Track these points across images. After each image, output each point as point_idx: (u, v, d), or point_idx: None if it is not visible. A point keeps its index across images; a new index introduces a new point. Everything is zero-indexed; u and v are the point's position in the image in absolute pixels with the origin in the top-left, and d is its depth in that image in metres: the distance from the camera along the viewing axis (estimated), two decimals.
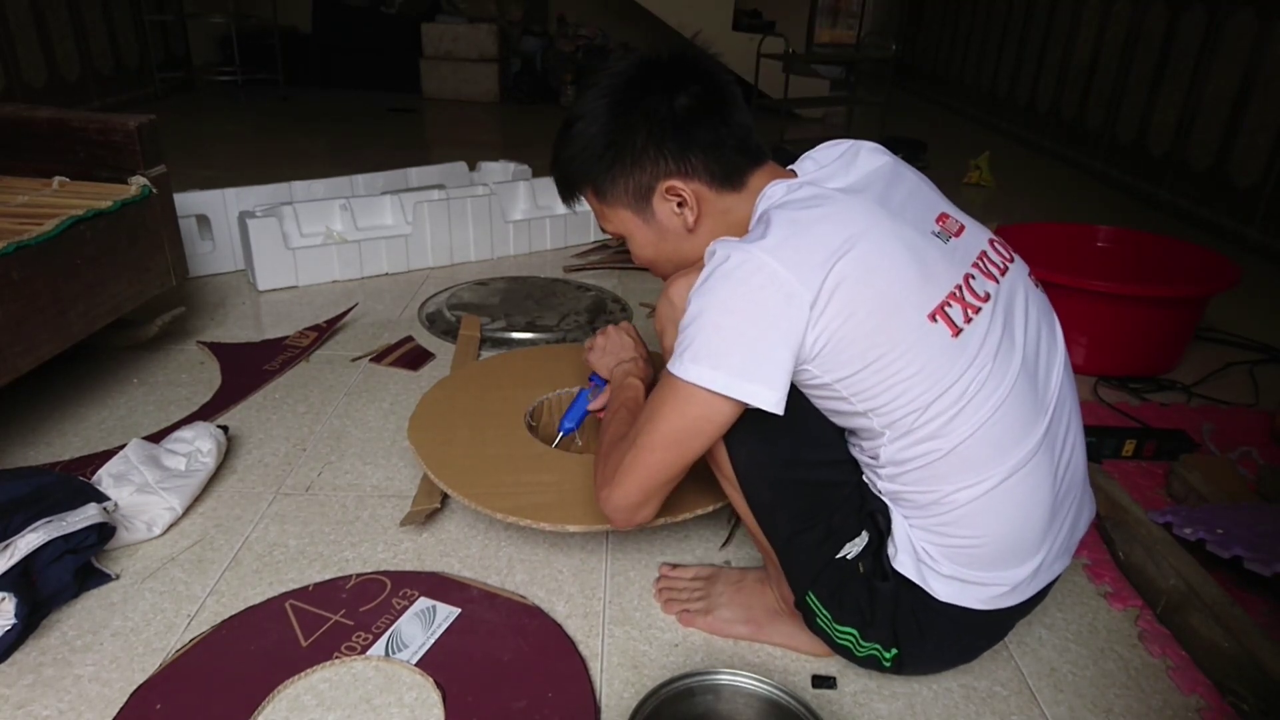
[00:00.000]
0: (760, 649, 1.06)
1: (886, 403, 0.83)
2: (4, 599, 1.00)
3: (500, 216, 2.46)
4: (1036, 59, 4.45)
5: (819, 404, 0.89)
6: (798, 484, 0.91)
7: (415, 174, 2.69)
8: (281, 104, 4.92)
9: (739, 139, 0.92)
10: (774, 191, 0.90)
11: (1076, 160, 4.00)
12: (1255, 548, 1.12)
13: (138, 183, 1.65)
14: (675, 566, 1.18)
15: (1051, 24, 4.31)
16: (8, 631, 1.00)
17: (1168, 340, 1.85)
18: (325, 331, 1.90)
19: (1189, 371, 1.88)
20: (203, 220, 2.22)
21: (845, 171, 0.91)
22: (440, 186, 2.56)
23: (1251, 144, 2.86)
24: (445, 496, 1.32)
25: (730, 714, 0.92)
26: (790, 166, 0.97)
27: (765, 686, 0.91)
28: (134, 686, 0.96)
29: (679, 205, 0.93)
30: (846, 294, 0.79)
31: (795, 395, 0.86)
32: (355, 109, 4.91)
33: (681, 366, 0.82)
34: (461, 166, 2.82)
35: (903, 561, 0.88)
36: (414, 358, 1.82)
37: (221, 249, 2.26)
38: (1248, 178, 2.87)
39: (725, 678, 0.92)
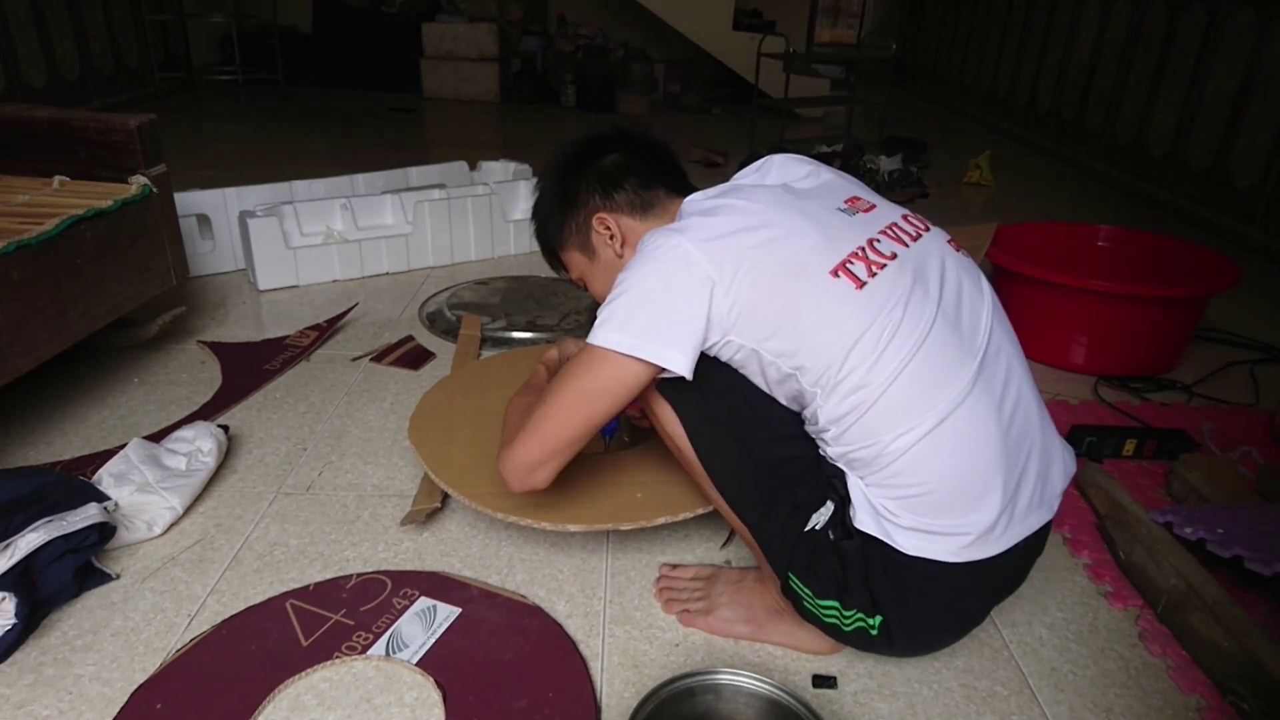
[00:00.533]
0: (761, 648, 1.06)
1: (807, 359, 0.88)
2: (4, 599, 1.01)
3: (500, 216, 2.46)
4: (1036, 59, 4.45)
5: (759, 379, 0.94)
6: (756, 465, 0.96)
7: (415, 173, 2.69)
8: (281, 104, 4.92)
9: (659, 177, 1.08)
10: (692, 197, 1.03)
11: (1076, 160, 4.00)
12: (1255, 547, 1.13)
13: (138, 182, 1.65)
14: (676, 566, 1.18)
15: (1051, 24, 4.31)
16: (8, 631, 1.00)
17: (1168, 340, 1.86)
18: (326, 331, 1.90)
19: (1189, 371, 1.88)
20: (203, 220, 2.22)
21: (762, 177, 1.06)
22: (440, 186, 2.56)
23: (1251, 144, 2.86)
24: (445, 496, 1.32)
25: (731, 714, 0.92)
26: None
27: (766, 686, 0.91)
28: (134, 686, 0.96)
29: (610, 237, 1.06)
30: (751, 262, 0.87)
31: (741, 380, 0.94)
32: (355, 109, 4.91)
33: (595, 334, 0.90)
34: (462, 166, 2.82)
35: (863, 520, 0.90)
36: (414, 357, 1.82)
37: (222, 249, 2.26)
38: (1248, 178, 2.87)
39: (726, 677, 0.92)
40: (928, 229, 0.99)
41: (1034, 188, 3.68)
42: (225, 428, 1.44)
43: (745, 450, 0.96)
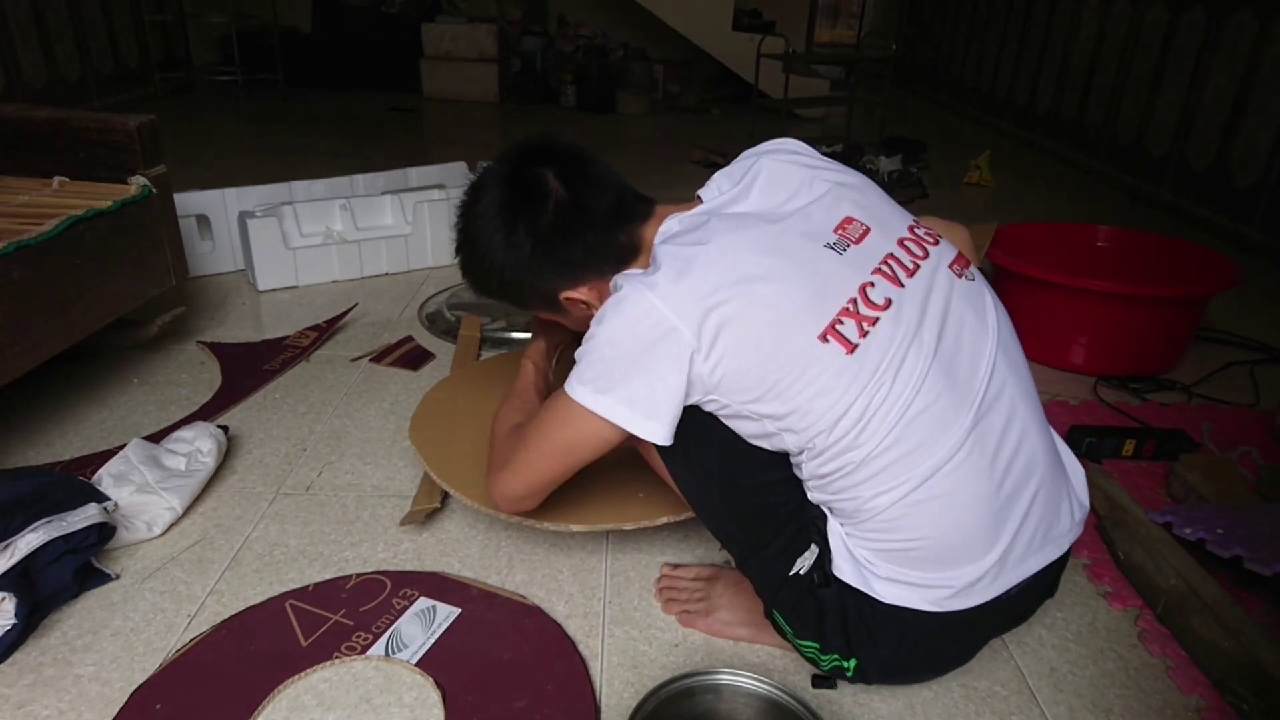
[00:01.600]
0: (760, 649, 1.06)
1: (794, 424, 0.84)
2: (4, 599, 1.00)
3: None
4: (1036, 59, 4.45)
5: (743, 430, 0.90)
6: (742, 509, 0.93)
7: (415, 174, 2.68)
8: (281, 104, 4.92)
9: (614, 221, 0.96)
10: (668, 226, 0.93)
11: (1076, 160, 4.00)
12: (1255, 548, 1.12)
13: (138, 183, 1.65)
14: (676, 566, 1.18)
15: (1051, 24, 4.31)
16: (8, 631, 1.00)
17: (1168, 340, 1.86)
18: (325, 331, 1.90)
19: (1189, 371, 1.88)
20: (203, 220, 2.22)
21: (745, 192, 0.94)
22: (440, 186, 2.56)
23: (1251, 144, 2.86)
24: (445, 496, 1.32)
25: (730, 714, 0.92)
26: (698, 193, 0.99)
27: (765, 686, 0.91)
28: (134, 686, 0.96)
29: (584, 304, 1.00)
30: (733, 327, 0.82)
31: (725, 425, 0.90)
32: (355, 109, 4.91)
33: (572, 387, 0.89)
34: (461, 166, 2.82)
35: (841, 567, 0.88)
36: (414, 358, 1.82)
37: (221, 249, 2.26)
38: (1248, 178, 2.87)
39: (725, 678, 0.92)
40: (926, 255, 0.90)
41: (1034, 188, 3.68)
42: (225, 428, 1.44)
43: (730, 496, 0.93)
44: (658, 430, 0.87)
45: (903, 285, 0.86)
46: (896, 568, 0.86)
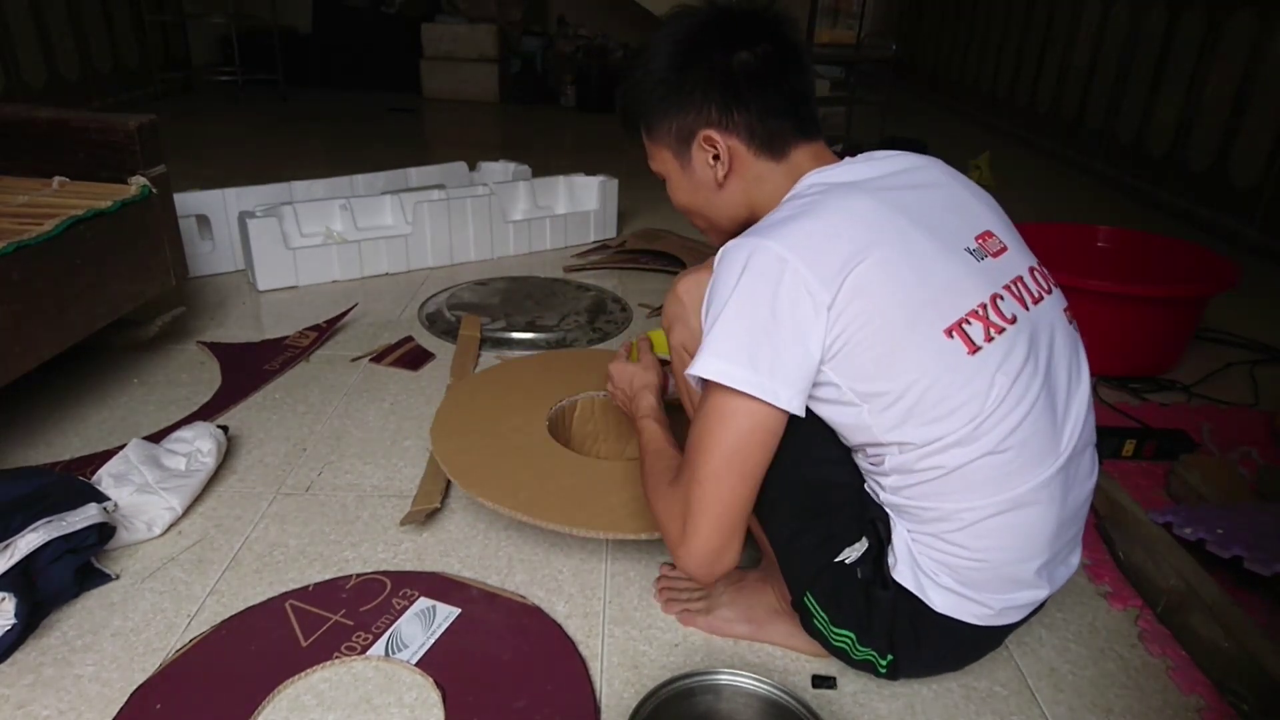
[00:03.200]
0: (760, 649, 1.06)
1: (898, 414, 0.81)
2: (4, 599, 1.00)
3: (500, 216, 2.46)
4: (1036, 59, 4.45)
5: (829, 413, 0.86)
6: (801, 483, 0.91)
7: (415, 174, 2.69)
8: (281, 104, 4.92)
9: (790, 107, 0.91)
10: (811, 181, 0.90)
11: (1076, 160, 4.00)
12: (1255, 548, 1.12)
13: (138, 183, 1.65)
14: (675, 566, 1.18)
15: (1051, 24, 4.31)
16: (8, 631, 1.00)
17: (1168, 340, 1.85)
18: (325, 331, 1.90)
19: (1189, 371, 1.88)
20: (203, 220, 2.22)
21: (889, 173, 0.90)
22: (440, 186, 2.56)
23: (1251, 144, 2.86)
24: (445, 496, 1.32)
25: (730, 714, 0.92)
26: (847, 160, 0.94)
27: (765, 686, 0.91)
28: (134, 686, 0.96)
29: (714, 158, 0.92)
30: (865, 299, 0.79)
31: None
32: (355, 109, 4.91)
33: (711, 366, 0.79)
34: (461, 166, 2.82)
35: (902, 572, 0.88)
36: (414, 358, 1.82)
37: (221, 249, 2.26)
38: (1248, 178, 2.87)
39: (725, 678, 0.92)
40: (1050, 292, 0.91)
41: (1034, 188, 3.68)
42: (225, 428, 1.44)
43: (790, 466, 0.88)
44: (793, 399, 0.79)
45: (1028, 309, 0.86)
46: (956, 582, 0.87)
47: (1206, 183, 3.08)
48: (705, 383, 0.83)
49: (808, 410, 0.86)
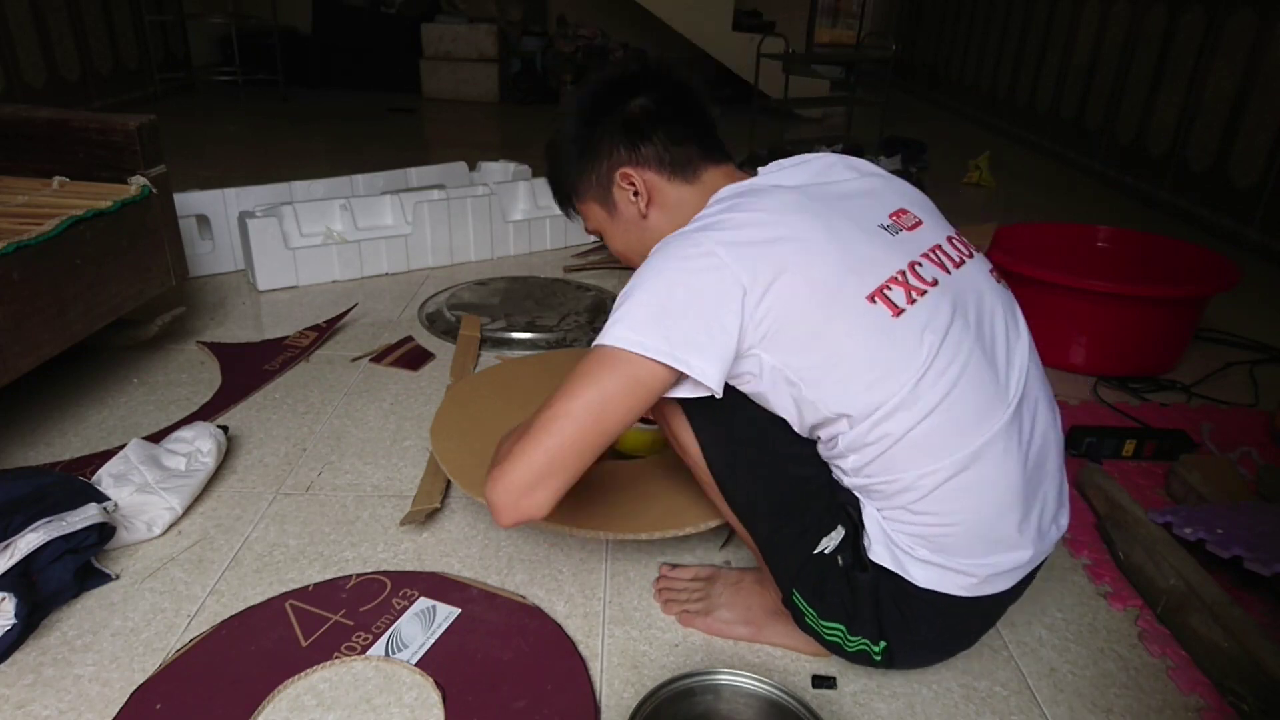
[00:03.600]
0: (760, 649, 1.06)
1: (836, 385, 0.83)
2: (4, 599, 1.01)
3: (500, 216, 2.46)
4: (1036, 59, 4.45)
5: (773, 400, 0.88)
6: (771, 481, 0.93)
7: (415, 174, 2.69)
8: (281, 104, 4.92)
9: (693, 134, 0.98)
10: (725, 192, 0.94)
11: (1076, 160, 4.00)
12: (1255, 548, 1.13)
13: (138, 183, 1.65)
14: (675, 567, 1.18)
15: (1051, 24, 4.31)
16: (8, 631, 1.00)
17: (1168, 340, 1.86)
18: (325, 331, 1.90)
19: (1189, 371, 1.88)
20: (203, 220, 2.22)
21: (798, 173, 0.96)
22: (440, 186, 2.56)
23: (1251, 144, 2.86)
24: (444, 496, 1.32)
25: (730, 714, 0.92)
26: (761, 169, 1.00)
27: (765, 686, 0.91)
28: (134, 686, 0.96)
29: (634, 194, 0.98)
30: (787, 277, 0.81)
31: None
32: (355, 109, 4.91)
33: (611, 333, 0.81)
34: (461, 166, 2.82)
35: (878, 552, 0.89)
36: (414, 358, 1.82)
37: (221, 249, 2.26)
38: (1248, 178, 2.87)
39: (725, 678, 0.92)
40: (971, 256, 0.95)
41: (1034, 188, 3.68)
42: (225, 428, 1.44)
43: (759, 465, 0.93)
44: (710, 371, 0.80)
45: (949, 273, 0.89)
46: (934, 553, 0.87)
47: (1206, 183, 3.08)
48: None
49: (769, 411, 0.90)
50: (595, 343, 0.83)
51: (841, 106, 5.18)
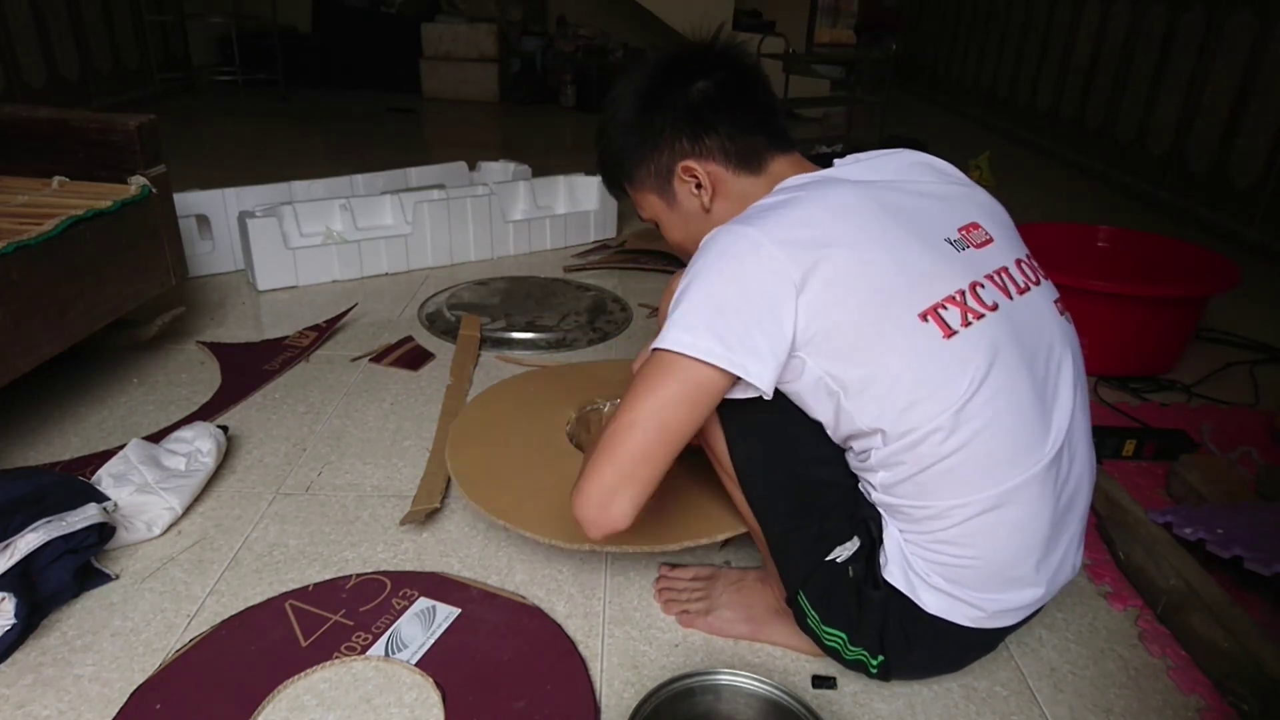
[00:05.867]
0: (760, 649, 1.06)
1: (874, 401, 0.81)
2: (4, 599, 1.00)
3: (500, 216, 2.46)
4: (1036, 59, 4.45)
5: (809, 403, 0.87)
6: (793, 481, 0.92)
7: (415, 174, 2.69)
8: (281, 104, 4.92)
9: (757, 122, 0.94)
10: (790, 183, 0.91)
11: (1076, 160, 4.00)
12: (1255, 547, 1.12)
13: (138, 183, 1.65)
14: (675, 567, 1.18)
15: (1051, 24, 4.31)
16: (8, 631, 1.00)
17: (1168, 340, 1.85)
18: (325, 331, 1.90)
19: (1189, 371, 1.88)
20: (203, 220, 2.22)
21: (873, 168, 0.92)
22: (440, 186, 2.56)
23: (1251, 144, 2.86)
24: (445, 496, 1.32)
25: (730, 714, 0.92)
26: (836, 161, 0.95)
27: (765, 686, 0.91)
28: (134, 686, 0.96)
29: (696, 186, 0.95)
30: (839, 284, 0.79)
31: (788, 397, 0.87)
32: (355, 109, 4.91)
33: (669, 338, 0.80)
34: (461, 166, 2.82)
35: (892, 572, 0.88)
36: (414, 358, 1.82)
37: (221, 249, 2.26)
38: (1248, 178, 2.87)
39: (725, 678, 0.92)
40: (1039, 282, 0.90)
41: (1034, 188, 3.68)
42: (224, 428, 1.44)
43: (783, 464, 0.91)
44: (765, 376, 0.79)
45: (1011, 299, 0.85)
46: (949, 583, 0.86)
47: (1206, 183, 3.08)
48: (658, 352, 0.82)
49: (799, 412, 0.87)
50: (653, 346, 0.82)
51: (842, 106, 5.18)
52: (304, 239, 2.23)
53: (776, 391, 0.85)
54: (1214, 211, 3.03)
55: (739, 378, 0.80)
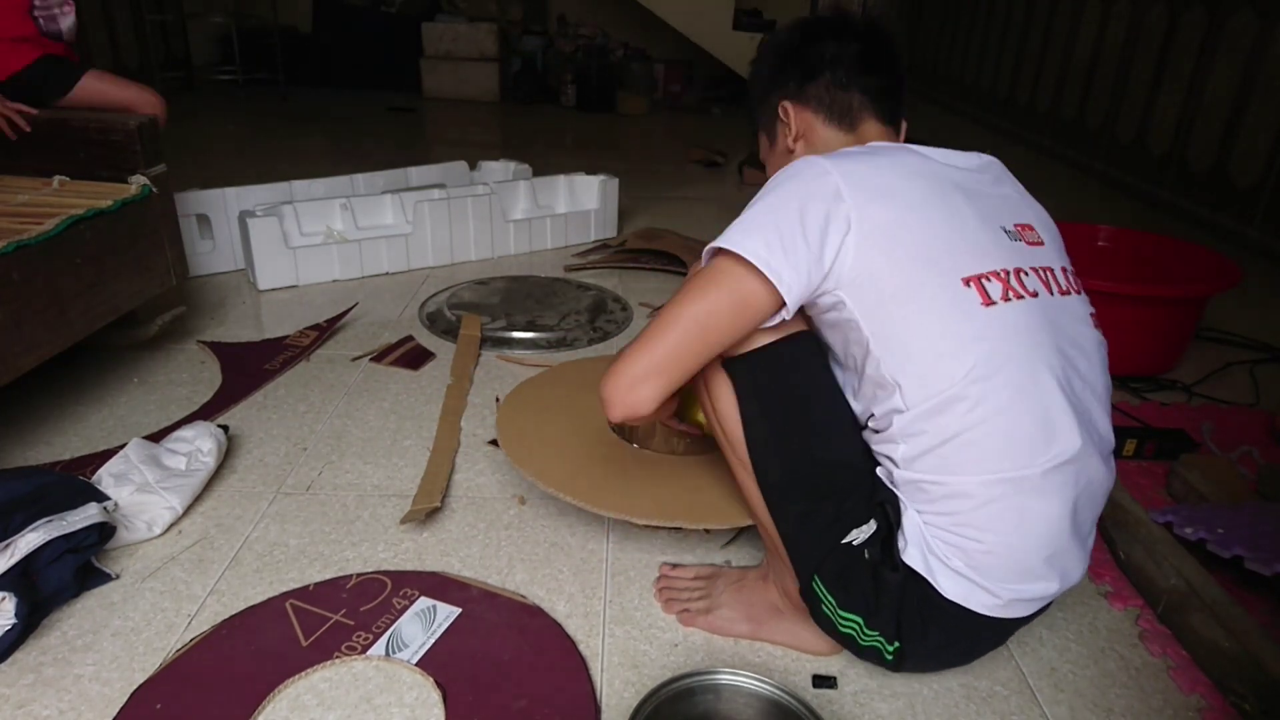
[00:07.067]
0: (761, 649, 1.06)
1: (904, 351, 0.83)
2: (4, 599, 1.00)
3: (500, 216, 2.46)
4: (1036, 59, 4.45)
5: (843, 355, 0.90)
6: (810, 462, 0.92)
7: (415, 173, 2.69)
8: (281, 104, 4.92)
9: (872, 90, 0.99)
10: (876, 145, 0.96)
11: (1076, 160, 4.00)
12: (1255, 547, 1.13)
13: (138, 182, 1.65)
14: (675, 566, 1.18)
15: (1051, 24, 4.31)
16: (8, 631, 1.00)
17: (1168, 340, 1.85)
18: (325, 331, 1.90)
19: (1189, 371, 1.88)
20: (203, 220, 2.22)
21: (948, 155, 0.95)
22: (440, 186, 2.56)
23: (1251, 144, 2.86)
24: (445, 496, 1.33)
25: (731, 714, 0.92)
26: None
27: (766, 686, 0.91)
28: (134, 686, 0.96)
29: (787, 126, 1.02)
30: (889, 231, 0.83)
31: (809, 369, 0.90)
32: (355, 109, 4.91)
33: (722, 237, 0.86)
34: (462, 166, 2.82)
35: (912, 555, 0.88)
36: (414, 357, 1.82)
37: (222, 248, 2.26)
38: (1248, 178, 2.87)
39: (726, 678, 0.92)
40: (1079, 292, 0.94)
41: (1034, 187, 3.66)
42: (225, 428, 1.44)
43: (800, 443, 0.91)
44: (794, 284, 0.83)
45: (1052, 295, 0.89)
46: (966, 566, 0.87)
47: (1206, 182, 3.08)
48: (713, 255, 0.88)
49: (817, 391, 0.90)
50: (718, 243, 0.87)
51: None
52: (304, 238, 2.24)
53: (795, 368, 0.89)
54: (1214, 211, 3.03)
55: (779, 294, 0.83)
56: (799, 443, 0.91)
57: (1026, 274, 0.87)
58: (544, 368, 1.73)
